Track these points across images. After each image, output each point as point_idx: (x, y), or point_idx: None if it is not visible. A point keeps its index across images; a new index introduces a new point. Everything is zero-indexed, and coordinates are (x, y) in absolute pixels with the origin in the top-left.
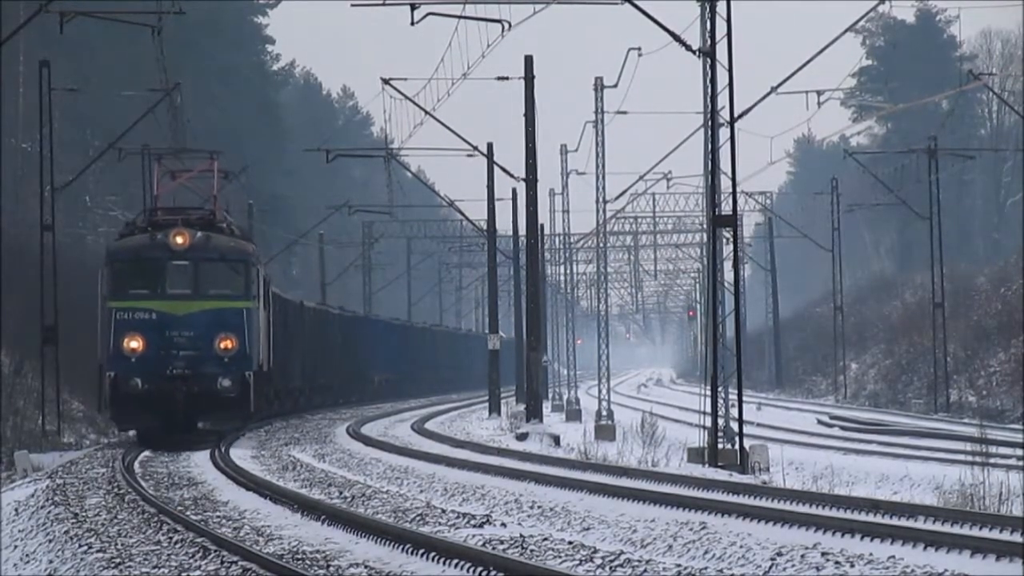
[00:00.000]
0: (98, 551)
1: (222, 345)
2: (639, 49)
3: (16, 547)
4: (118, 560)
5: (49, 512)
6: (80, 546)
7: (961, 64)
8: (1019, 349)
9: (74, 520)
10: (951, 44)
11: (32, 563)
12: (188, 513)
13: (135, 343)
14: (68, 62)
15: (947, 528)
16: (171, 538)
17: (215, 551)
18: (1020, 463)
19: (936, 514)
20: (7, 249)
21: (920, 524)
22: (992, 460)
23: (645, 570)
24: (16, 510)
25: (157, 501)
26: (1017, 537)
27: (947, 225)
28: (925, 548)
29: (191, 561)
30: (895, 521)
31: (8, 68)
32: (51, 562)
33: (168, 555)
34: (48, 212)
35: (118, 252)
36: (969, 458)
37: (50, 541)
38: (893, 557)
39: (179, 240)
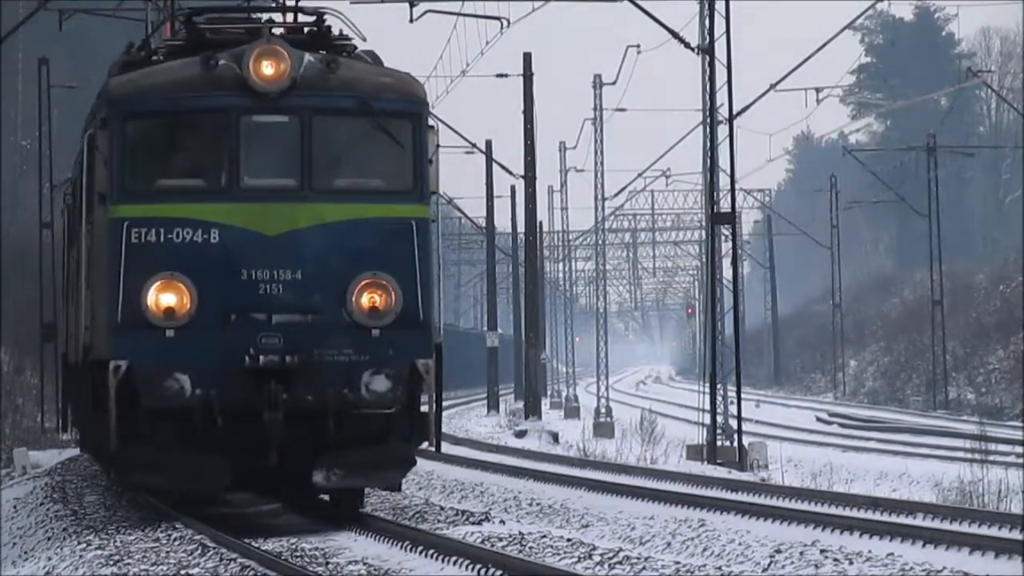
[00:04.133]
0: (97, 548)
1: (367, 300)
2: (638, 46)
3: (15, 544)
4: (117, 557)
5: (48, 509)
6: (79, 543)
7: (960, 61)
8: (1018, 346)
9: (73, 517)
10: (950, 41)
11: (31, 560)
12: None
13: (172, 297)
14: (67, 59)
15: (946, 525)
16: (170, 535)
17: (214, 548)
18: (1019, 460)
19: (935, 511)
20: (6, 247)
21: (919, 521)
22: (991, 457)
23: (644, 567)
24: (15, 507)
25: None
26: (1016, 534)
27: (946, 222)
28: (924, 545)
29: (190, 558)
30: (894, 518)
31: (7, 66)
32: (50, 559)
33: (167, 552)
34: (47, 209)
35: (132, 97)
36: (968, 455)
37: (49, 538)
38: (892, 554)
39: (267, 70)
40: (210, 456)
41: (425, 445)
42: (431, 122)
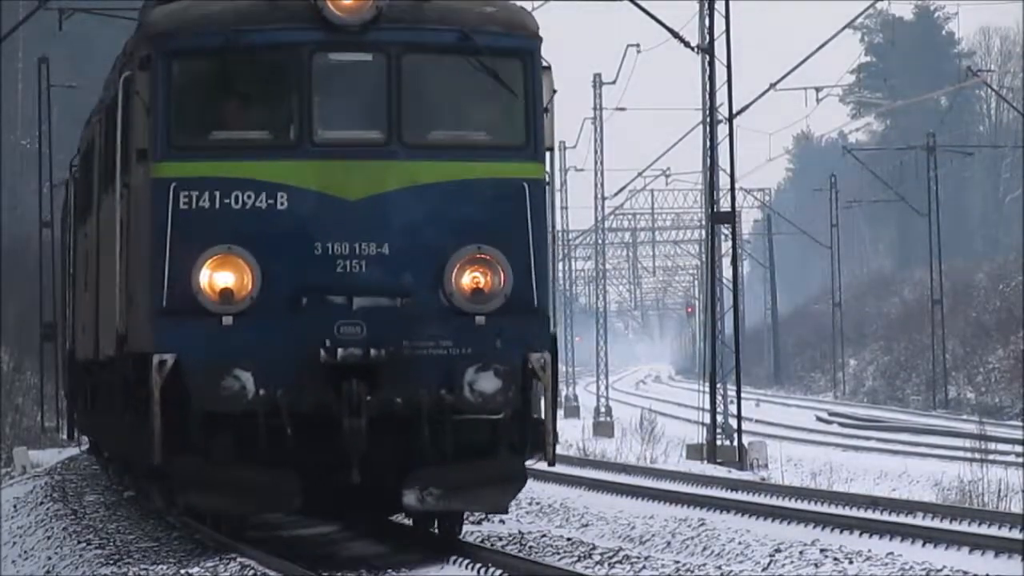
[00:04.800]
0: (97, 547)
1: (469, 281)
2: (638, 46)
3: (15, 544)
4: (117, 557)
5: (48, 508)
6: (79, 542)
7: (960, 61)
8: (1018, 346)
9: (73, 517)
10: (950, 41)
11: (31, 560)
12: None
13: (230, 276)
14: (67, 59)
15: (946, 525)
16: (170, 535)
17: (213, 548)
18: (1019, 460)
19: (935, 511)
20: (6, 247)
21: (919, 520)
22: (991, 457)
23: (644, 567)
24: (15, 507)
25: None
26: (1016, 534)
27: (946, 222)
28: (924, 544)
29: (190, 559)
30: (894, 518)
31: (7, 65)
32: (50, 559)
33: (167, 551)
34: (47, 209)
35: (181, 30)
36: (968, 455)
37: (49, 538)
38: (892, 553)
39: None
40: (278, 472)
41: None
42: (544, 62)
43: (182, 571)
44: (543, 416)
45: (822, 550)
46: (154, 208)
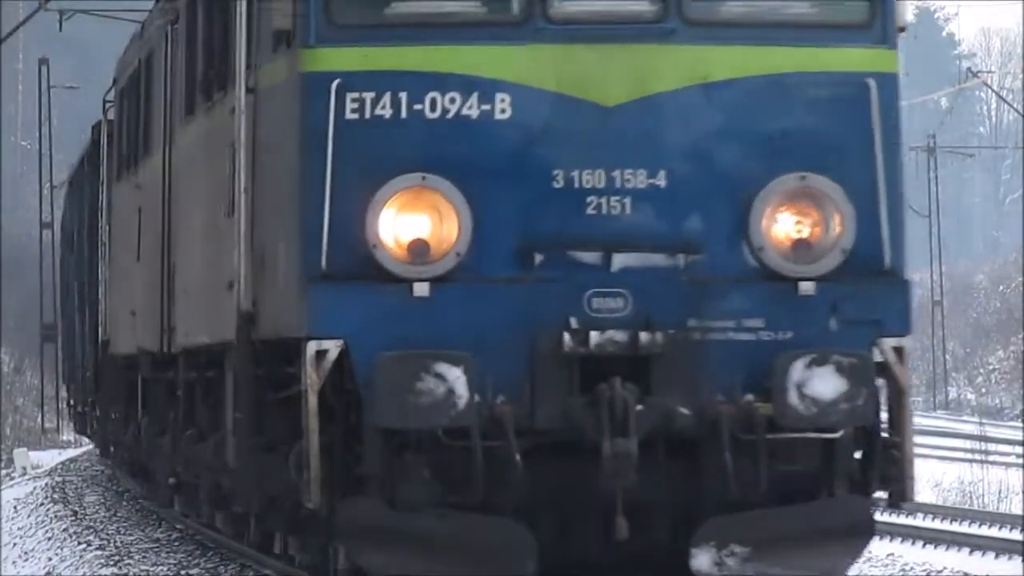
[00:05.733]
0: (97, 548)
1: (790, 228)
2: None
3: (15, 545)
4: (117, 557)
5: (48, 510)
6: (79, 543)
7: (960, 62)
8: (1018, 347)
9: (73, 518)
10: (950, 42)
11: (31, 560)
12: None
13: (425, 221)
14: (67, 60)
15: (946, 526)
16: (170, 535)
17: (213, 548)
18: (1019, 460)
19: (935, 511)
20: (6, 247)
21: (919, 521)
22: (991, 458)
23: None
24: (15, 508)
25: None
26: (1016, 534)
27: (946, 223)
28: (924, 546)
29: (190, 559)
30: (893, 518)
31: (7, 66)
32: (50, 560)
33: (167, 552)
34: (48, 210)
35: None
36: (968, 455)
37: (49, 539)
38: (892, 554)
39: None
40: (500, 523)
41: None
42: None
43: (182, 571)
44: (894, 434)
45: None
46: (305, 119)
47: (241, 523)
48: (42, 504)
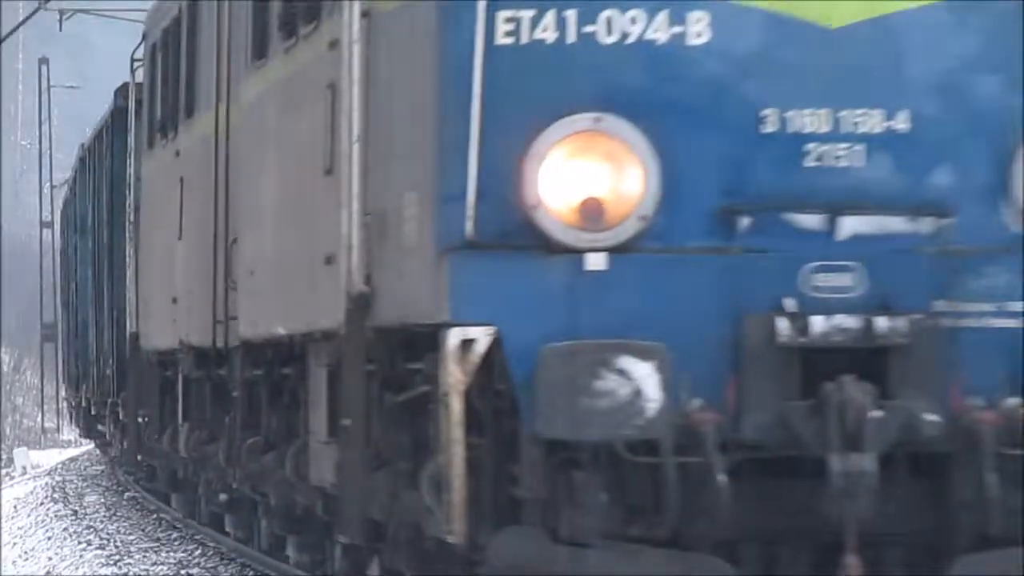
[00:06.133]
0: (97, 548)
1: None
2: None
3: (15, 544)
4: (117, 557)
5: (48, 509)
6: (79, 543)
7: None
8: None
9: (73, 517)
10: None
11: (31, 560)
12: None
13: (603, 174)
14: (67, 60)
15: None
16: (170, 535)
17: (213, 548)
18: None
19: None
20: (6, 247)
21: None
22: None
23: None
24: (15, 507)
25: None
26: None
27: None
28: None
29: (190, 559)
30: None
31: (7, 65)
32: (50, 559)
33: (167, 552)
34: (47, 209)
35: None
36: None
37: (49, 538)
38: None
39: None
40: (699, 560)
41: None
42: None
43: (182, 571)
44: None
45: None
46: (443, 46)
47: (316, 549)
48: (42, 504)
